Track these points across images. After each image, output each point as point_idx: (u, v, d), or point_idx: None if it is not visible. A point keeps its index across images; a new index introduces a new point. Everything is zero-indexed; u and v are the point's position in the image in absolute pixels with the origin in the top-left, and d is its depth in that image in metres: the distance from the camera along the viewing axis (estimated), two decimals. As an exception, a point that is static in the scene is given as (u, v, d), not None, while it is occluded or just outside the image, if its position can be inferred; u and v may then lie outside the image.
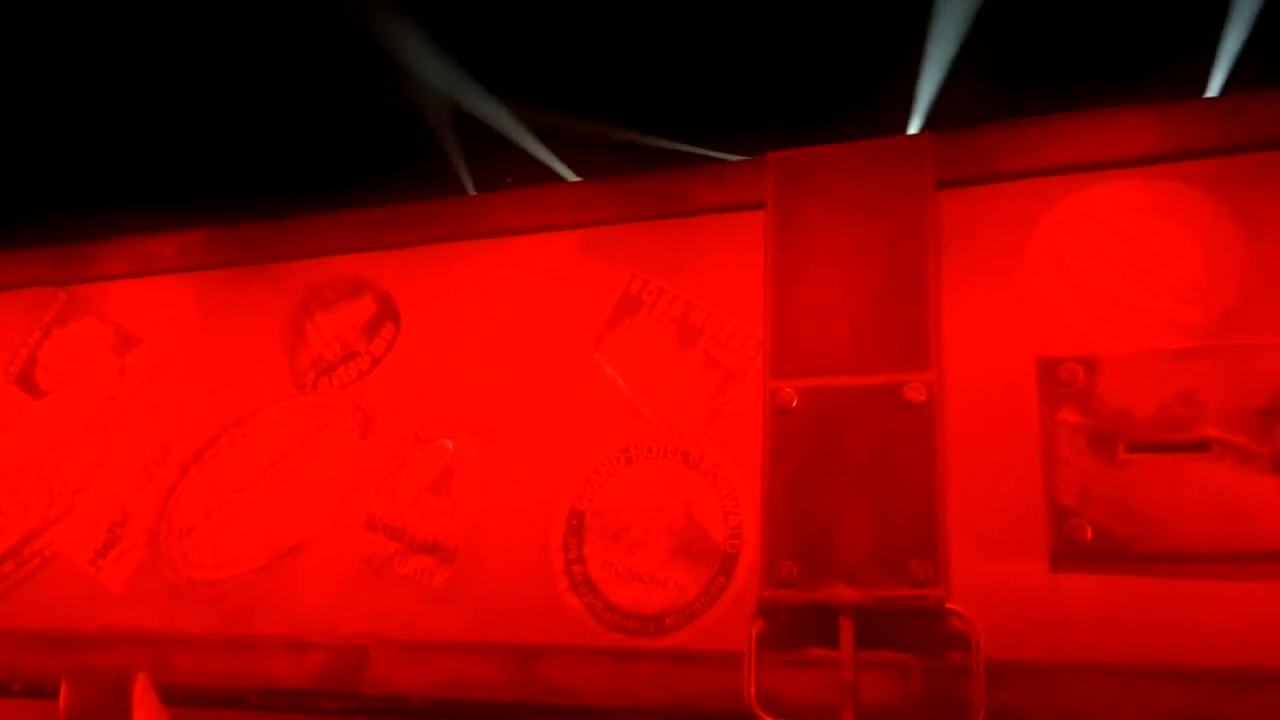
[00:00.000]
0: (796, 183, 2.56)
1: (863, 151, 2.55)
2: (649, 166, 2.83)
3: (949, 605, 2.18)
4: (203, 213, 3.32)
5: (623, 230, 2.75)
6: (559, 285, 2.77)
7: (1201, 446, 2.12)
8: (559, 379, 2.68)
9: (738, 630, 2.30)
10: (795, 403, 2.40)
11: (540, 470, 2.63)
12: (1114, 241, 2.32)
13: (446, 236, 2.93)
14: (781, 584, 2.30)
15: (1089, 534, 2.15)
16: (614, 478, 2.57)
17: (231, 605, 2.80)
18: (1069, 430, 2.21)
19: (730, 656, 2.29)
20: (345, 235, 3.05)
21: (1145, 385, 2.18)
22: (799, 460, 2.36)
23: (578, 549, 2.54)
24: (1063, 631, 2.15)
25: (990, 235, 2.41)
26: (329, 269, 3.03)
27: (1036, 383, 2.27)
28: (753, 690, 2.22)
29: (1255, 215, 2.24)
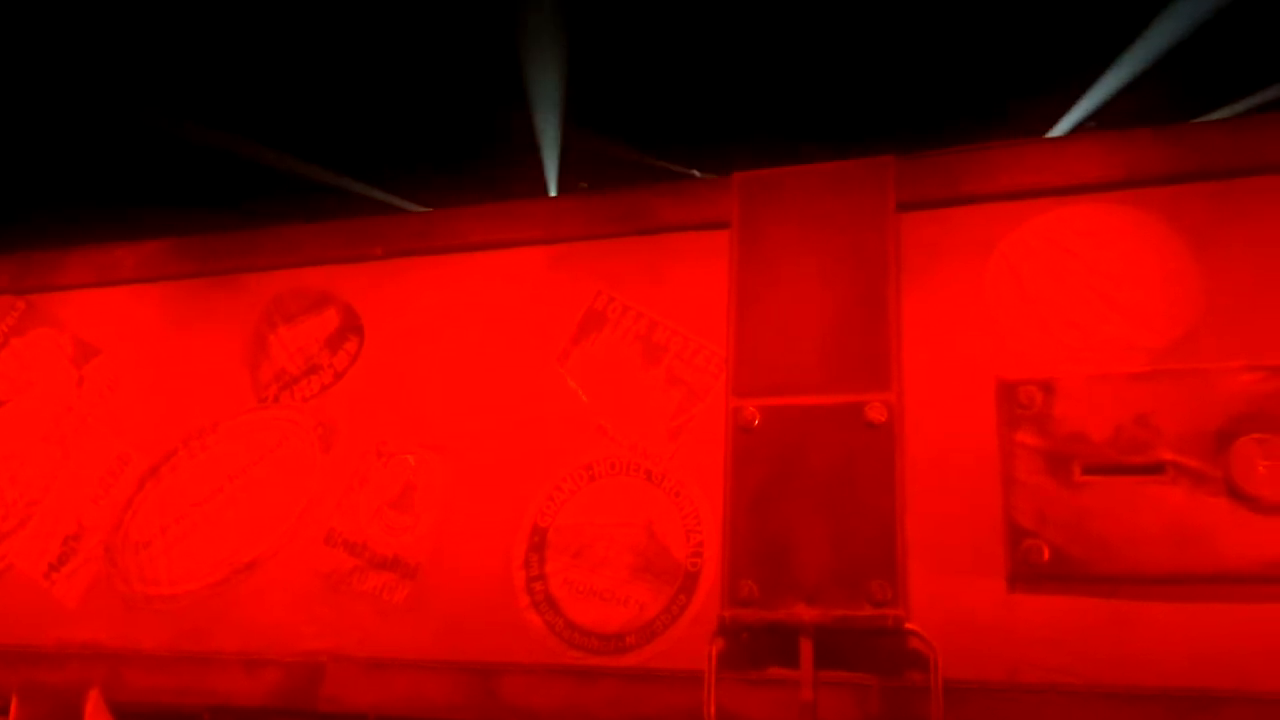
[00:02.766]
0: (762, 203, 2.57)
1: (827, 173, 2.56)
2: (617, 182, 2.84)
3: (908, 625, 2.19)
4: (166, 222, 3.30)
5: (589, 246, 2.75)
6: (525, 300, 2.76)
7: (1156, 469, 2.14)
8: (523, 395, 2.68)
9: (698, 649, 2.30)
10: (757, 421, 2.40)
11: (503, 486, 2.62)
12: (1072, 266, 2.34)
13: (412, 250, 2.92)
14: (742, 603, 2.30)
15: (1045, 555, 2.17)
16: (577, 494, 2.56)
17: (187, 621, 2.77)
18: (1027, 452, 2.23)
19: (690, 676, 2.29)
20: (310, 247, 3.04)
21: (1102, 408, 2.20)
22: (761, 479, 2.37)
23: (539, 566, 2.53)
24: (1019, 652, 2.16)
25: (951, 257, 2.43)
26: (293, 281, 3.01)
27: (996, 404, 2.29)
28: (713, 710, 2.21)
29: (1211, 242, 2.27)
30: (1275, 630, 2.03)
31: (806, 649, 2.22)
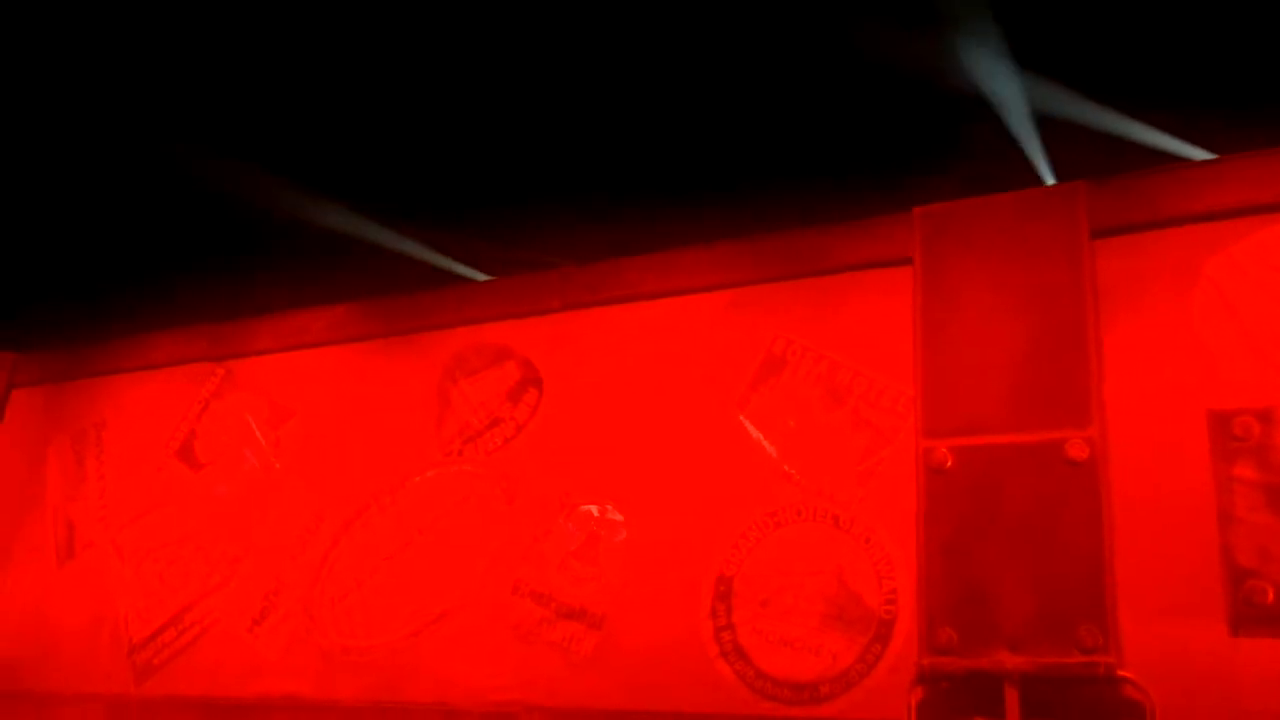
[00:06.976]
0: (944, 237, 2.51)
1: (1012, 203, 2.49)
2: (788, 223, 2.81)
3: (1121, 673, 2.08)
4: (351, 286, 3.42)
5: (765, 290, 2.74)
6: (701, 348, 2.76)
7: (1394, 501, 1.99)
8: (703, 442, 2.66)
9: (896, 699, 2.23)
10: (950, 462, 2.33)
11: (686, 535, 2.60)
12: (1286, 287, 2.21)
13: (587, 302, 2.96)
14: (941, 651, 2.22)
15: (1270, 596, 2.04)
16: (762, 542, 2.53)
17: (382, 673, 2.83)
18: (1245, 486, 2.10)
19: (890, 726, 2.22)
20: (488, 303, 3.12)
21: (1328, 438, 2.06)
22: (956, 522, 2.29)
23: (726, 615, 2.50)
24: (1244, 700, 2.03)
25: (1152, 284, 2.32)
26: (473, 337, 3.09)
27: (1208, 437, 2.17)
28: (916, 761, 2.14)
29: None
30: None
31: (1013, 698, 2.13)
